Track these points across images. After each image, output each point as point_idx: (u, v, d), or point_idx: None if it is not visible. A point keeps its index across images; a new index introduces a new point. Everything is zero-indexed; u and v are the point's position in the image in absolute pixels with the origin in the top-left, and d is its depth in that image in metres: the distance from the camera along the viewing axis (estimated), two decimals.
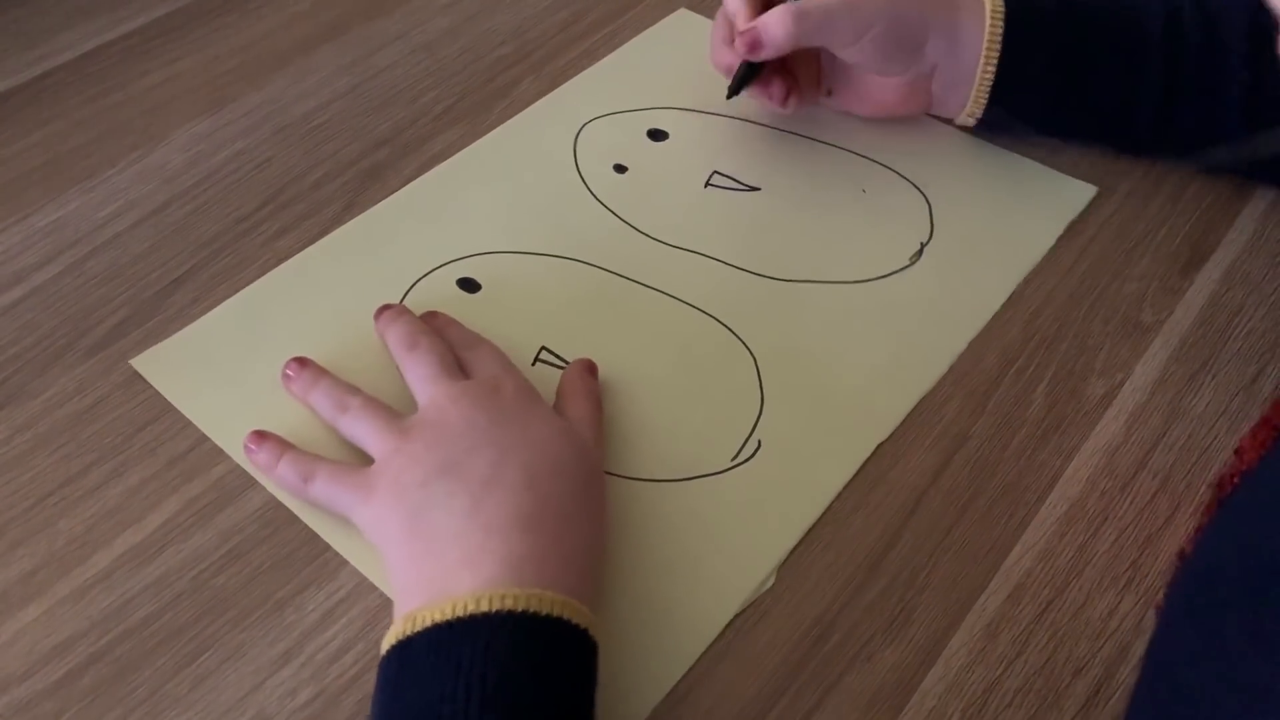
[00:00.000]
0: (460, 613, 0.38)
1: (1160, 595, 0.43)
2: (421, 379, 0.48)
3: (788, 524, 0.47)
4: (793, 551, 0.46)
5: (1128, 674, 0.43)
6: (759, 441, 0.50)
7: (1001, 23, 0.56)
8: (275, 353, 0.52)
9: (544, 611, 0.38)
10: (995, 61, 0.57)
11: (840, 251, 0.58)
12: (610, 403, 0.50)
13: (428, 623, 0.38)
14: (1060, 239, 0.59)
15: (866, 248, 0.58)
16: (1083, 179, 0.61)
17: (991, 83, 0.57)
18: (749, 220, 0.59)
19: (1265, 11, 0.53)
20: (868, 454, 0.49)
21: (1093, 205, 0.60)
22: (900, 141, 0.63)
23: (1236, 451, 0.46)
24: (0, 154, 0.63)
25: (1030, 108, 0.59)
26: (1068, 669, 0.43)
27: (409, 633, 0.38)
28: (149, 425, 0.50)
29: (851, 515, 0.47)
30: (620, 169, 0.62)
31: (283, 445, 0.48)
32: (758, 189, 0.61)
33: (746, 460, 0.49)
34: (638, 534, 0.46)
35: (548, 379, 0.51)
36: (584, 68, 0.68)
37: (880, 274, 0.57)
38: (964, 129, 0.62)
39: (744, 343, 0.53)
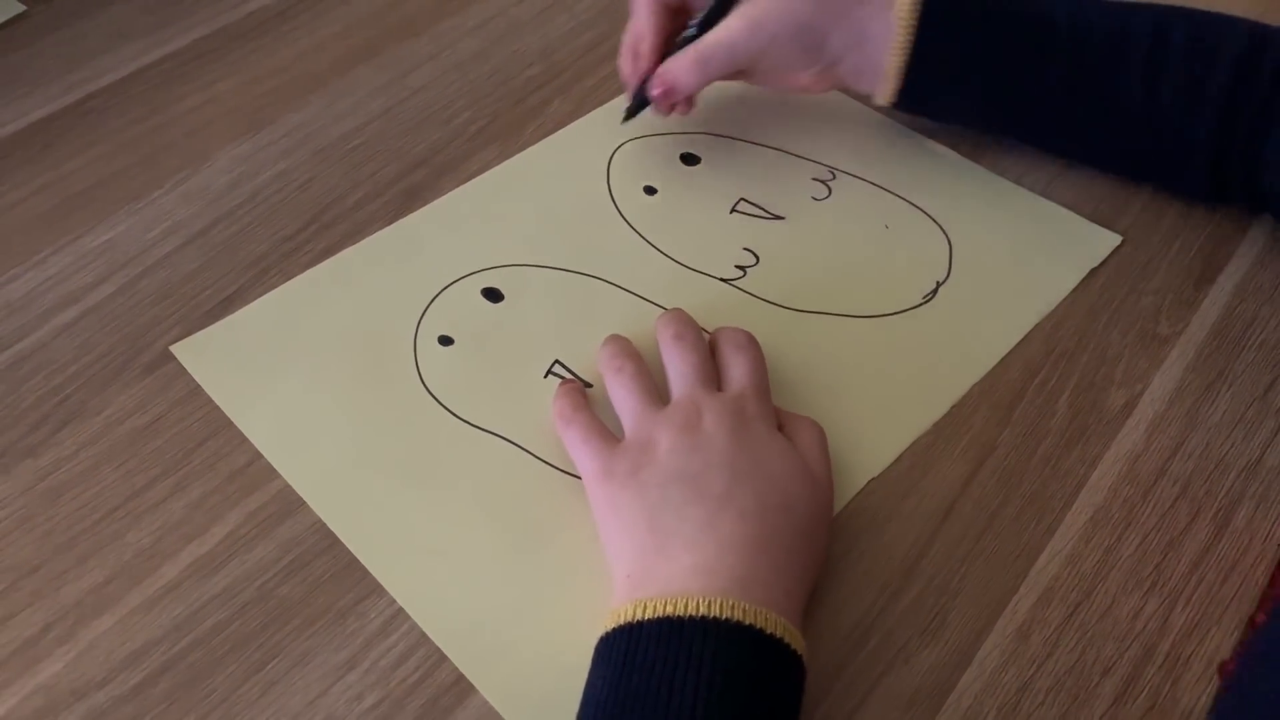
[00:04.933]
0: (693, 611, 0.40)
1: (1226, 657, 0.45)
2: (679, 374, 0.51)
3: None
4: (827, 557, 0.48)
5: (1153, 673, 0.45)
6: None
7: (917, 16, 0.58)
8: (306, 348, 0.56)
9: (768, 629, 0.40)
10: (907, 53, 0.59)
11: (855, 285, 0.59)
12: (616, 425, 0.51)
13: (659, 613, 0.40)
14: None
15: (882, 283, 0.59)
16: (1096, 200, 0.63)
17: (903, 71, 0.59)
18: (768, 248, 0.61)
19: (1171, 23, 0.58)
20: (857, 490, 0.51)
21: (1107, 219, 0.62)
22: (930, 180, 0.64)
23: None
24: (49, 176, 0.65)
25: (941, 99, 0.62)
26: (1096, 669, 0.45)
27: (639, 617, 0.41)
28: (207, 440, 0.52)
29: (886, 524, 0.49)
30: (650, 191, 0.64)
31: (578, 388, 0.53)
32: (782, 218, 0.63)
33: None
34: None
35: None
36: (611, 89, 0.70)
37: (891, 311, 0.58)
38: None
39: None
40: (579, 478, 0.50)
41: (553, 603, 0.47)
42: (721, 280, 0.59)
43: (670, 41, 0.62)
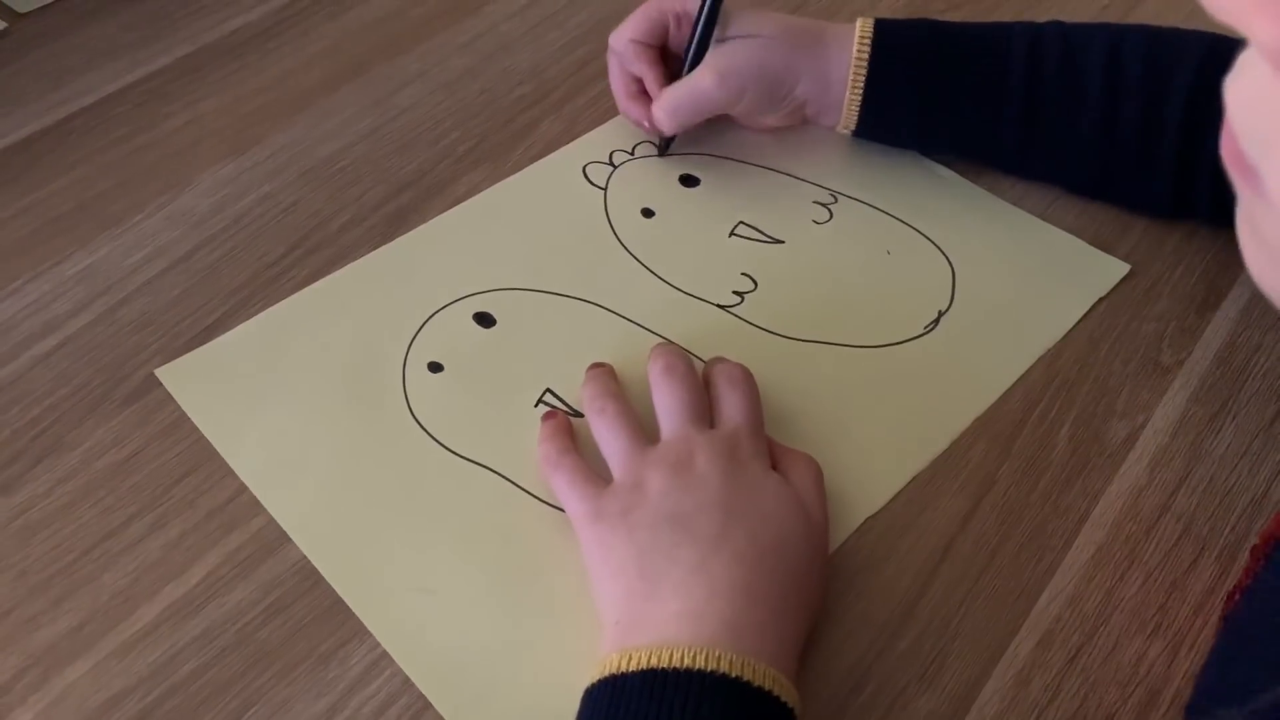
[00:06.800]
0: (678, 663, 0.39)
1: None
2: (669, 411, 0.49)
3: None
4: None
5: None
6: None
7: (869, 49, 0.59)
8: (293, 373, 0.55)
9: (756, 682, 0.39)
10: (861, 87, 0.60)
11: (855, 314, 0.58)
12: (604, 462, 0.50)
13: (644, 664, 0.39)
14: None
15: (882, 312, 0.58)
16: (1097, 224, 0.62)
17: (859, 105, 0.61)
18: (767, 273, 0.60)
19: (1125, 45, 0.58)
20: (854, 527, 0.49)
21: (1109, 243, 0.61)
22: (933, 204, 0.63)
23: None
24: (29, 199, 0.64)
25: (898, 127, 0.64)
26: (1099, 716, 0.44)
27: (624, 669, 0.39)
28: (186, 477, 0.51)
29: (883, 563, 0.48)
30: (648, 213, 0.63)
31: (563, 424, 0.51)
32: (781, 242, 0.61)
33: None
34: None
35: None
36: (603, 107, 0.69)
37: (892, 341, 0.57)
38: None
39: None
40: None
41: (541, 647, 0.45)
42: (719, 306, 0.58)
43: (668, 74, 0.64)
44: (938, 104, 0.61)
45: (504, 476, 0.51)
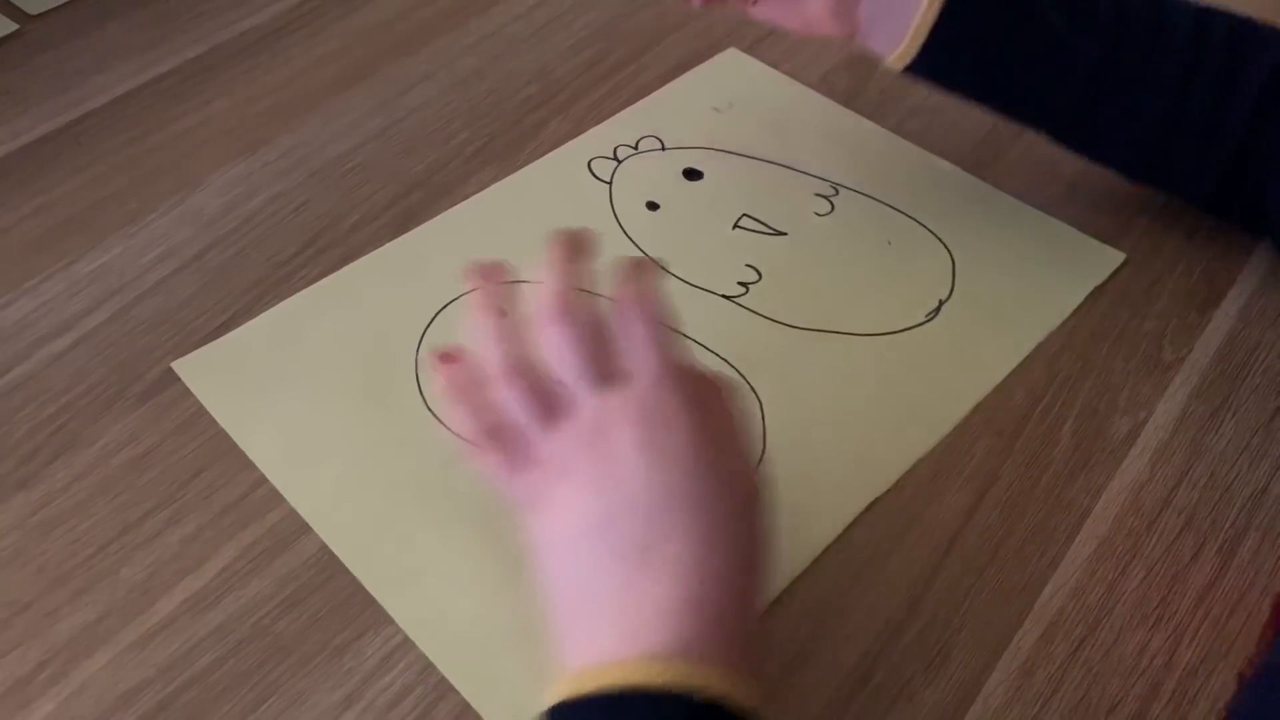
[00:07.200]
0: (634, 680, 0.36)
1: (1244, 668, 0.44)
2: (567, 369, 0.42)
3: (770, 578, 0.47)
4: (830, 591, 0.48)
5: (1159, 711, 0.44)
6: None
7: None
8: (309, 364, 0.56)
9: (710, 690, 0.36)
10: (937, 10, 0.54)
11: (857, 303, 0.59)
12: None
13: (598, 686, 0.36)
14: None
15: (884, 301, 0.59)
16: (1097, 221, 0.63)
17: (929, 31, 0.55)
18: (771, 264, 0.61)
19: (1212, 20, 0.56)
20: (859, 510, 0.50)
21: (1109, 241, 0.62)
22: (933, 195, 0.64)
23: None
24: (41, 200, 0.64)
25: (963, 64, 0.57)
26: (1102, 706, 0.44)
27: (578, 693, 0.37)
28: (202, 472, 0.51)
29: (888, 557, 0.49)
30: (653, 206, 0.64)
31: (471, 386, 0.43)
32: (784, 233, 0.62)
33: None
34: None
35: None
36: (609, 108, 0.70)
37: (894, 329, 0.58)
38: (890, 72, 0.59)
39: (752, 387, 0.55)
40: None
41: None
42: (724, 297, 0.59)
43: None
44: (1015, 39, 0.55)
45: None
